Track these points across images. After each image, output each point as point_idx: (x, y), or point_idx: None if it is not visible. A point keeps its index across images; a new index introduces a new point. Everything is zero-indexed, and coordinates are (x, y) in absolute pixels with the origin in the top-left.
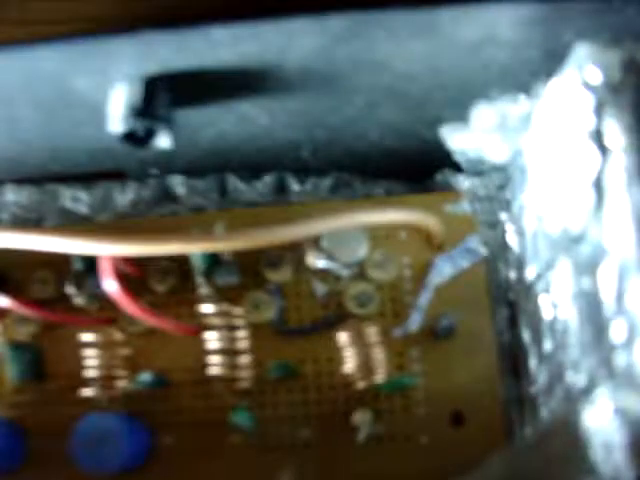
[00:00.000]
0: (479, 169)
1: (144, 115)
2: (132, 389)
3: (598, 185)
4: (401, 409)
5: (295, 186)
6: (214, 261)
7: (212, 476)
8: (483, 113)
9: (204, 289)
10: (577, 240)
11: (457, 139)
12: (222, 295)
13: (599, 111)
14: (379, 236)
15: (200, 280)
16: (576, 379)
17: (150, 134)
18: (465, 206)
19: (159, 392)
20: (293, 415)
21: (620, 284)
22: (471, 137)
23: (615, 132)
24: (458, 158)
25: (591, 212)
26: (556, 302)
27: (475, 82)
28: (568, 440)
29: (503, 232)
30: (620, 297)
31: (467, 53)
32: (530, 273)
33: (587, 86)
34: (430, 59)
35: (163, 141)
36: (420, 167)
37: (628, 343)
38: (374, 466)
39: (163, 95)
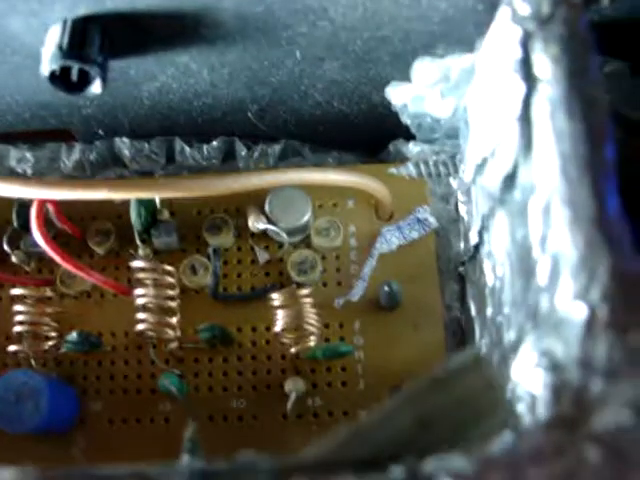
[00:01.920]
0: (431, 137)
1: (75, 57)
2: (61, 351)
3: (525, 119)
4: (339, 382)
5: (243, 152)
6: (152, 220)
7: (140, 445)
8: (426, 68)
9: (142, 250)
10: (509, 185)
11: (399, 95)
12: (161, 258)
13: (526, 43)
14: (326, 204)
15: (138, 240)
16: (509, 337)
17: (83, 81)
18: (410, 169)
19: (88, 356)
20: (227, 385)
21: (545, 220)
22: (413, 92)
23: (542, 63)
24: (405, 120)
25: (520, 149)
26: (496, 262)
27: (418, 35)
28: (483, 383)
29: (456, 204)
30: (544, 236)
31: (408, 2)
32: (473, 236)
33: (516, 19)
34: (369, 7)
35: (96, 87)
36: (374, 137)
37: (551, 283)
38: (309, 441)
39: (95, 37)
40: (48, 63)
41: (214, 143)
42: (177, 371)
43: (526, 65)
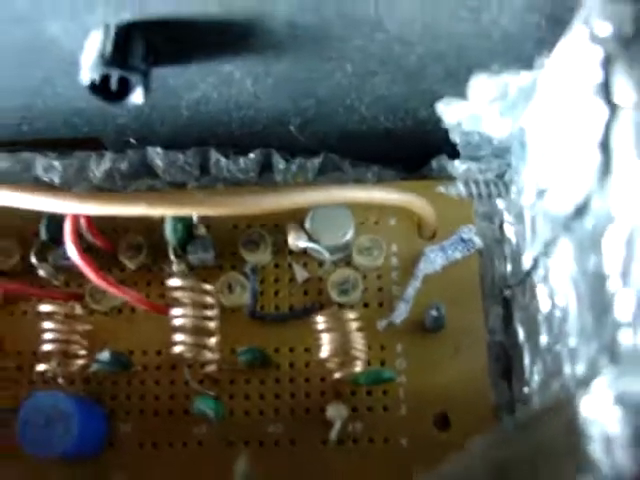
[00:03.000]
0: (477, 154)
1: (118, 64)
2: (91, 370)
3: (605, 145)
4: (381, 407)
5: (281, 165)
6: (188, 236)
7: (172, 470)
8: (482, 85)
9: (176, 266)
10: (580, 212)
11: (454, 113)
12: (196, 275)
13: (607, 65)
14: (367, 221)
15: (172, 256)
16: (574, 370)
17: (124, 90)
18: (460, 188)
19: (120, 375)
20: (264, 408)
21: (628, 252)
22: (469, 110)
23: (625, 87)
24: (455, 137)
25: (597, 177)
26: (554, 290)
27: (475, 51)
28: (563, 427)
29: (501, 224)
30: (627, 268)
31: (466, 17)
32: (527, 261)
33: (595, 40)
34: (426, 21)
35: (137, 96)
36: (415, 153)
37: (635, 319)
38: (349, 468)
39: (138, 44)
40: (89, 71)
41: (251, 155)
42: (212, 393)
43: (607, 89)
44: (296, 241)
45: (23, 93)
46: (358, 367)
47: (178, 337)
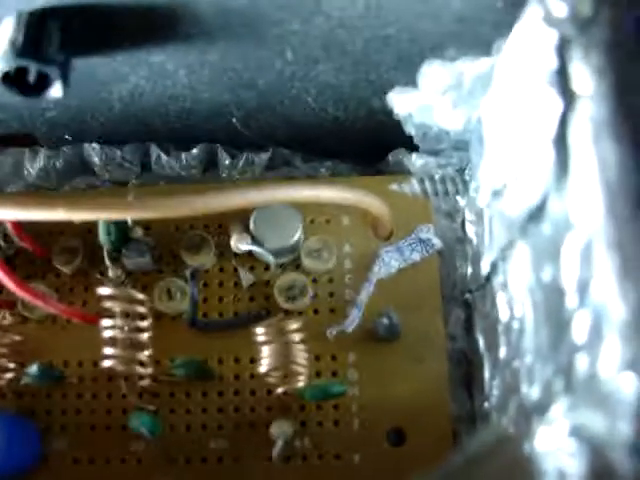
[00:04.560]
0: (436, 148)
1: (32, 56)
2: (22, 383)
3: (561, 141)
4: (332, 422)
5: (227, 160)
6: (124, 238)
7: None
8: (435, 72)
9: (112, 272)
10: (536, 216)
11: (404, 103)
12: (134, 280)
13: (563, 50)
14: (318, 220)
15: (107, 261)
16: (530, 391)
17: (42, 82)
18: (414, 186)
19: (52, 388)
20: (207, 422)
21: (585, 266)
22: (420, 100)
23: (582, 75)
24: (409, 129)
25: (553, 177)
26: (513, 298)
27: (427, 35)
28: (512, 463)
29: (462, 222)
30: (584, 285)
31: None
32: (485, 266)
33: (551, 22)
34: (372, 3)
35: (55, 90)
36: (371, 146)
37: (592, 343)
38: None
39: (54, 33)
40: (0, 62)
41: (194, 151)
42: (151, 407)
43: (563, 77)
44: (239, 243)
45: None
46: (301, 382)
47: (108, 350)
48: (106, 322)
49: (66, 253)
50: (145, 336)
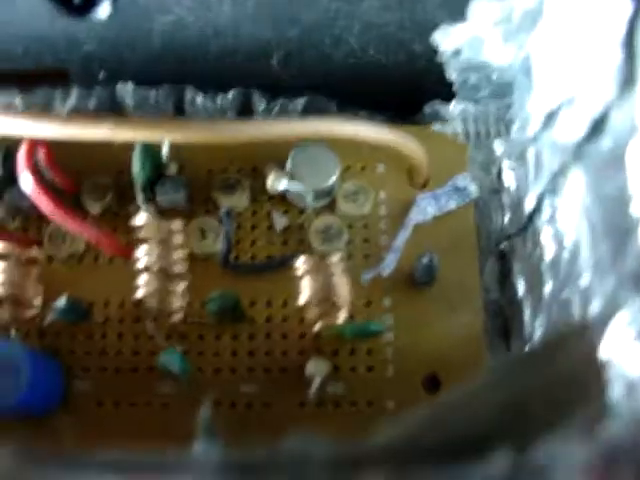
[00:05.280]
0: (474, 96)
1: None
2: (47, 321)
3: (628, 45)
4: (365, 368)
5: (262, 105)
6: (157, 175)
7: (133, 431)
8: (485, 6)
9: (144, 209)
10: (596, 131)
11: (452, 39)
12: (165, 219)
13: None
14: (354, 167)
15: (140, 197)
16: (587, 311)
17: (88, 3)
18: (456, 127)
19: (77, 329)
20: (236, 366)
21: None
22: (469, 33)
23: None
24: (451, 74)
25: (617, 85)
26: (561, 231)
27: None
28: (583, 359)
29: (499, 172)
30: None
31: None
32: (529, 203)
33: None
34: None
35: (103, 10)
36: (408, 97)
37: None
38: (329, 433)
39: None
40: None
41: (230, 94)
42: (180, 348)
43: None
44: (276, 183)
45: None
46: (341, 318)
47: (142, 280)
48: (141, 251)
49: (96, 190)
50: (182, 268)
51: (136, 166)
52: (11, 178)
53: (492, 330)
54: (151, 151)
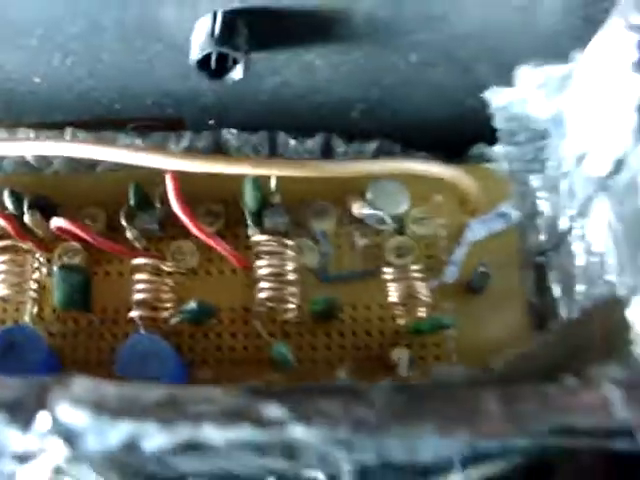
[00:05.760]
0: (514, 140)
1: (224, 43)
2: (174, 322)
3: None
4: (433, 357)
5: (341, 148)
6: (263, 203)
7: None
8: (528, 73)
9: (251, 231)
10: (618, 168)
11: (501, 98)
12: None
13: None
14: (418, 197)
15: (249, 220)
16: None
17: (221, 69)
18: (502, 164)
19: (197, 329)
20: (330, 357)
21: None
22: (517, 95)
23: None
24: (498, 121)
25: (633, 136)
26: (590, 244)
27: (519, 47)
28: (611, 324)
29: (534, 201)
30: None
31: (516, 16)
32: (563, 224)
33: (631, 28)
34: (483, 18)
35: (237, 73)
36: (458, 140)
37: None
38: None
39: (241, 29)
40: (199, 49)
41: (316, 138)
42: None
43: None
44: (361, 209)
45: (125, 74)
46: (423, 312)
47: (263, 285)
48: (261, 262)
49: (209, 216)
50: (295, 275)
51: (248, 197)
52: (140, 206)
53: (533, 326)
54: (258, 185)
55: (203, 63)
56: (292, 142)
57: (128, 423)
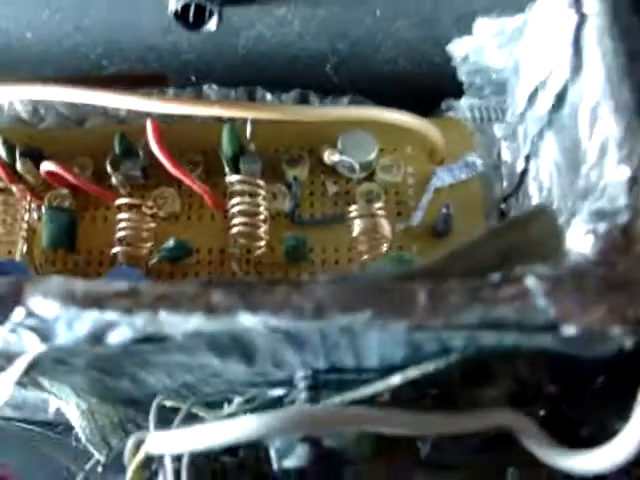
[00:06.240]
0: (479, 94)
1: None
2: (154, 261)
3: (576, 44)
4: None
5: (316, 103)
6: (240, 150)
7: None
8: (485, 25)
9: (229, 176)
10: (559, 104)
11: (463, 47)
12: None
13: None
14: (388, 147)
15: (226, 166)
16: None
17: (199, 21)
18: (465, 113)
19: (177, 268)
20: None
21: (592, 115)
22: (475, 44)
23: (590, 1)
24: (462, 76)
25: (571, 70)
26: (542, 181)
27: (478, 1)
28: (551, 226)
29: (498, 152)
30: (593, 127)
31: None
32: (520, 165)
33: None
34: None
35: (212, 24)
36: (427, 96)
37: (600, 158)
38: None
39: None
40: (175, 2)
41: (291, 93)
42: None
43: (577, 3)
44: (332, 156)
45: (110, 29)
46: (384, 247)
47: (236, 221)
48: (234, 200)
49: (190, 165)
50: (266, 213)
51: (225, 143)
52: (124, 154)
53: None
54: (236, 133)
55: (182, 15)
56: (269, 96)
57: (93, 312)
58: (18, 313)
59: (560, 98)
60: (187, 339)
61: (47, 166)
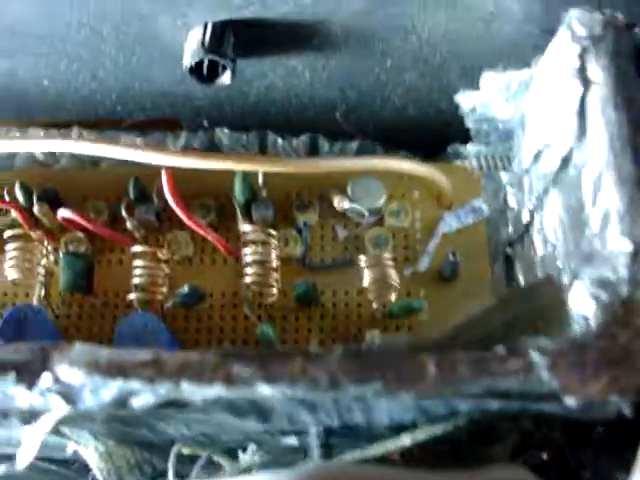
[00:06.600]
0: (486, 140)
1: (215, 52)
2: (168, 306)
3: (581, 113)
4: None
5: (325, 147)
6: (252, 197)
7: None
8: (491, 79)
9: (241, 223)
10: (565, 165)
11: (470, 100)
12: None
13: (583, 56)
14: (396, 194)
15: (239, 213)
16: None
17: (212, 75)
18: (472, 162)
19: (190, 312)
20: (310, 339)
21: (596, 184)
22: (482, 98)
23: (595, 71)
24: (469, 124)
25: (576, 136)
26: (547, 235)
27: (485, 53)
28: (554, 296)
29: (504, 197)
30: (596, 195)
31: (480, 25)
32: (525, 217)
33: (574, 39)
34: (449, 28)
35: (225, 77)
36: (435, 141)
37: (602, 228)
38: None
39: (229, 39)
40: (191, 56)
41: (302, 138)
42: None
43: (582, 72)
44: (341, 203)
45: (124, 78)
46: (393, 296)
47: (249, 270)
48: (247, 250)
49: (203, 210)
50: (275, 264)
51: (238, 191)
52: (138, 199)
53: None
54: (248, 182)
55: (196, 69)
56: (280, 141)
57: (117, 381)
58: (45, 379)
59: (565, 160)
60: (206, 404)
61: (64, 212)
